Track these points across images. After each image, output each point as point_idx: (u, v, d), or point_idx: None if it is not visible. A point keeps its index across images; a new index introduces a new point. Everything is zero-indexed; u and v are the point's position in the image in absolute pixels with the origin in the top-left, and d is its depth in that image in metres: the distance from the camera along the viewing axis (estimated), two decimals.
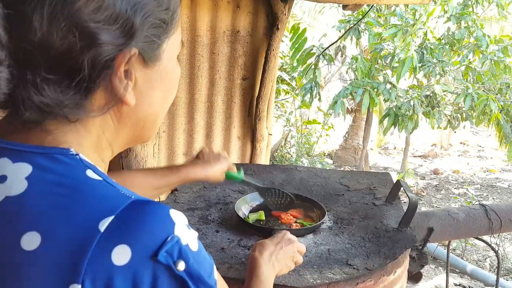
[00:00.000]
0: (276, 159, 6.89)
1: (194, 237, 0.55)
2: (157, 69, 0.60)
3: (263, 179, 1.81)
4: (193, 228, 0.57)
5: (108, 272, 0.48)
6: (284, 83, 6.23)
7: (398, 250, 1.28)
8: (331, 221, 1.48)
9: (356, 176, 1.88)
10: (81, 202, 0.52)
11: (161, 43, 0.59)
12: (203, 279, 0.53)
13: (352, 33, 5.36)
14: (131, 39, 0.53)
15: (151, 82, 0.60)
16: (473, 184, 7.64)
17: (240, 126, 2.61)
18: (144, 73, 0.58)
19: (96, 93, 0.55)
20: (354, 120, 8.50)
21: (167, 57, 0.61)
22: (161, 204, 0.54)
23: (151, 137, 0.68)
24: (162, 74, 0.61)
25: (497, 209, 1.73)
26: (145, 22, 0.54)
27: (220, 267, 1.19)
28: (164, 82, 0.62)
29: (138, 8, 0.53)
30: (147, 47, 0.56)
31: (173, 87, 0.66)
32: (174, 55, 0.64)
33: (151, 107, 0.62)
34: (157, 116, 0.65)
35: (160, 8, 0.56)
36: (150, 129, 0.65)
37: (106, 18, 0.51)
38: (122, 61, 0.54)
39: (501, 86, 5.79)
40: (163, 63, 0.61)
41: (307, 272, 1.17)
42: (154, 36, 0.57)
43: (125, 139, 0.64)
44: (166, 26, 0.58)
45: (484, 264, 4.51)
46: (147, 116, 0.63)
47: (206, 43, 2.39)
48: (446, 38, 5.52)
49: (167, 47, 0.60)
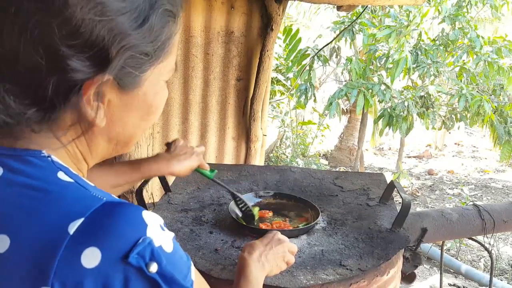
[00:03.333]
0: (272, 159, 6.89)
1: (169, 238, 0.54)
2: (135, 94, 0.58)
3: (257, 180, 1.81)
4: (187, 228, 0.56)
5: (77, 275, 0.48)
6: (279, 84, 6.24)
7: (391, 251, 1.28)
8: (325, 222, 1.48)
9: (350, 177, 1.88)
10: (51, 204, 0.51)
11: (142, 73, 0.57)
12: (178, 281, 0.53)
13: (346, 34, 5.38)
14: (104, 69, 0.52)
15: (127, 106, 0.59)
16: (468, 184, 7.68)
17: (235, 127, 2.61)
18: (120, 97, 0.57)
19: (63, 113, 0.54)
20: (349, 121, 8.52)
21: (150, 83, 0.59)
22: (134, 206, 0.54)
23: (127, 151, 0.69)
24: (141, 99, 0.59)
25: (490, 210, 1.74)
26: (122, 54, 0.52)
27: (213, 268, 1.18)
28: (143, 107, 0.61)
29: (117, 39, 0.51)
30: (123, 76, 0.55)
31: (154, 111, 0.63)
32: (160, 81, 0.62)
33: (126, 129, 0.61)
34: (131, 136, 0.64)
35: (145, 41, 0.54)
36: (124, 146, 0.65)
37: (80, 44, 0.49)
38: (91, 87, 0.52)
39: (495, 87, 5.83)
40: (144, 89, 0.59)
41: (301, 273, 1.16)
42: (133, 68, 0.55)
43: (99, 154, 0.64)
44: (150, 58, 0.56)
45: (478, 264, 4.53)
46: (121, 136, 0.62)
47: (200, 44, 2.38)
48: (440, 39, 5.54)
49: (151, 74, 0.58)
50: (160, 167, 1.11)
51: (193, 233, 1.37)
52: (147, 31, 0.54)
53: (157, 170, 1.11)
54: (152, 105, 0.62)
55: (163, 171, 1.12)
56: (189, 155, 1.16)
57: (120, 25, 0.51)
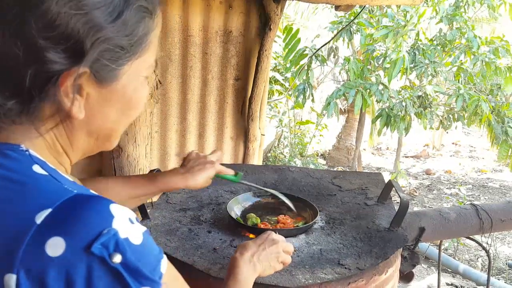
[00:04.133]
0: (270, 159, 6.89)
1: (138, 231, 0.55)
2: (113, 88, 0.60)
3: (256, 180, 1.81)
4: (186, 228, 0.57)
5: (42, 263, 0.49)
6: (278, 84, 6.24)
7: (389, 250, 1.28)
8: (323, 221, 1.48)
9: (348, 176, 1.88)
10: (24, 195, 0.54)
11: (118, 67, 0.59)
12: (143, 272, 0.53)
13: (344, 34, 5.38)
14: (80, 60, 0.53)
15: (106, 100, 0.61)
16: (465, 184, 7.70)
17: (233, 127, 2.61)
18: (98, 91, 0.59)
19: (42, 104, 0.56)
20: (347, 121, 8.54)
21: (128, 78, 0.61)
22: (103, 199, 0.55)
23: (109, 148, 0.69)
24: (120, 94, 0.62)
25: (488, 209, 1.74)
26: (98, 47, 0.54)
27: (212, 267, 1.18)
28: (122, 101, 0.63)
29: (92, 31, 0.53)
30: (100, 69, 0.57)
31: (134, 106, 0.65)
32: (139, 78, 0.63)
33: (106, 123, 0.63)
34: (112, 131, 0.66)
35: (120, 34, 0.56)
36: (105, 141, 0.67)
37: (56, 36, 0.51)
38: (68, 78, 0.54)
39: (492, 87, 5.85)
40: (122, 84, 0.61)
41: (299, 272, 1.16)
42: (109, 61, 0.57)
43: (81, 149, 0.65)
44: (126, 52, 0.58)
45: (476, 263, 4.54)
46: (101, 130, 0.64)
47: (199, 43, 2.38)
48: (438, 39, 5.56)
49: (129, 69, 0.60)
50: (176, 181, 1.12)
51: (192, 233, 1.37)
52: (121, 25, 0.56)
53: (174, 184, 1.12)
54: (131, 100, 0.64)
55: (179, 184, 1.12)
56: (202, 166, 1.15)
57: (95, 18, 0.53)
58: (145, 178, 1.12)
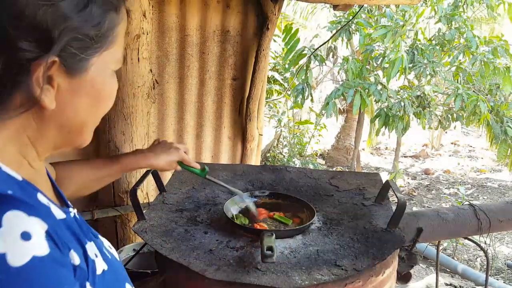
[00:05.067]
0: (269, 159, 6.88)
1: (28, 252, 0.48)
2: (83, 79, 0.62)
3: (253, 180, 1.80)
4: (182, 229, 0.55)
5: None
6: (277, 84, 6.23)
7: (386, 251, 1.27)
8: (320, 222, 1.47)
9: (345, 177, 1.87)
10: None
11: (87, 57, 0.60)
12: None
13: (343, 34, 5.38)
14: (49, 49, 0.55)
15: (76, 91, 0.62)
16: (464, 184, 7.70)
17: (231, 127, 2.60)
18: (68, 81, 0.60)
19: (13, 94, 0.57)
20: (346, 121, 8.53)
21: (97, 70, 0.63)
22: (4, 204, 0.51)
23: (82, 143, 0.70)
24: (89, 85, 0.63)
25: (486, 209, 1.73)
26: (65, 35, 0.56)
27: (207, 269, 1.17)
28: (92, 93, 0.64)
29: (59, 20, 0.55)
30: (69, 58, 0.58)
31: (104, 99, 0.67)
32: (107, 70, 0.66)
33: (77, 115, 0.64)
34: (83, 124, 0.66)
35: (87, 24, 0.58)
36: (77, 135, 0.67)
37: (25, 26, 0.54)
38: (39, 67, 0.56)
39: (491, 86, 5.85)
40: (91, 75, 0.62)
41: (296, 273, 1.15)
42: (77, 49, 0.58)
43: (51, 142, 0.66)
44: (93, 42, 0.60)
45: (474, 263, 4.54)
46: (72, 122, 0.65)
47: (196, 43, 2.37)
48: (436, 39, 5.55)
49: (97, 61, 0.62)
50: (138, 160, 1.19)
51: (188, 234, 1.35)
52: (88, 15, 0.58)
53: (135, 162, 1.19)
54: (101, 92, 0.65)
55: (141, 163, 1.19)
56: (166, 149, 1.23)
57: (62, 8, 0.56)
58: (108, 159, 1.18)
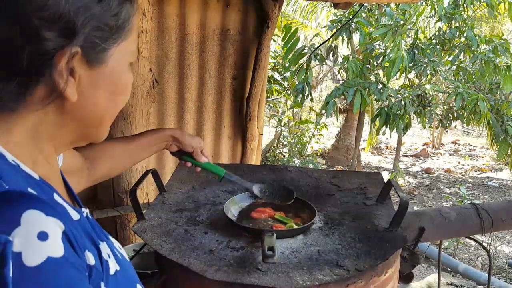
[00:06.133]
0: (269, 159, 6.87)
1: (43, 252, 0.47)
2: (102, 71, 0.62)
3: (253, 180, 1.78)
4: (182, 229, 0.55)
5: None
6: (277, 83, 6.22)
7: (388, 251, 1.25)
8: (321, 222, 1.45)
9: (347, 176, 1.86)
10: None
11: (107, 47, 0.61)
12: None
13: (343, 33, 5.36)
14: (72, 38, 0.56)
15: (96, 83, 0.62)
16: (465, 183, 7.68)
17: (231, 126, 2.58)
18: (89, 73, 0.60)
19: (37, 86, 0.57)
20: (347, 120, 8.52)
21: (114, 62, 0.63)
22: (25, 203, 0.50)
23: (99, 137, 0.70)
24: (108, 77, 0.63)
25: (488, 209, 1.72)
26: (87, 24, 0.57)
27: (208, 269, 1.16)
28: (110, 85, 0.65)
29: (81, 10, 0.56)
30: (90, 48, 0.59)
31: (121, 91, 0.67)
32: (124, 62, 0.66)
33: (96, 107, 0.64)
34: (102, 117, 0.67)
35: (107, 14, 0.59)
36: (96, 128, 0.68)
37: (49, 16, 0.53)
38: (62, 58, 0.56)
39: (491, 85, 5.83)
40: (110, 67, 0.63)
41: (297, 274, 1.14)
42: (98, 39, 0.59)
43: (70, 136, 0.66)
44: (112, 32, 0.61)
45: (476, 263, 4.53)
46: (92, 115, 0.65)
47: (196, 42, 2.36)
48: (437, 38, 5.54)
49: (115, 52, 0.63)
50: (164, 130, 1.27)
51: (188, 234, 1.34)
52: (107, 5, 0.59)
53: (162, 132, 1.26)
54: (118, 84, 0.66)
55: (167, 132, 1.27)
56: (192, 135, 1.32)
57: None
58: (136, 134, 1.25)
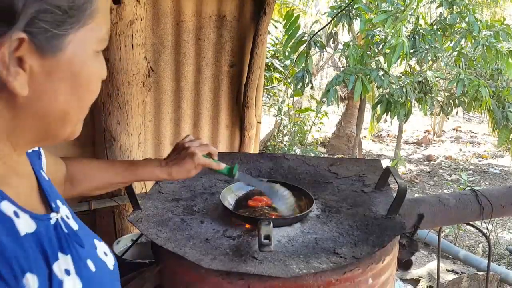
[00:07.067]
0: (269, 148, 6.85)
1: None
2: (58, 61, 0.55)
3: (250, 168, 1.77)
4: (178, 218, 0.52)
5: None
6: (277, 71, 6.17)
7: (386, 238, 1.24)
8: (319, 210, 1.44)
9: (345, 164, 1.84)
10: None
11: (61, 32, 0.53)
12: None
13: (343, 19, 5.29)
14: (12, 23, 0.49)
15: (52, 74, 0.55)
16: (466, 170, 7.67)
17: (228, 115, 2.56)
18: (42, 63, 0.53)
19: None
20: (347, 108, 8.47)
21: (74, 50, 0.55)
22: None
23: (68, 135, 0.62)
24: (66, 67, 0.56)
25: (488, 194, 1.70)
26: (30, 6, 0.49)
27: (203, 258, 1.14)
28: (70, 77, 0.57)
29: None
30: (39, 34, 0.51)
31: (85, 84, 0.59)
32: (87, 50, 0.58)
33: (55, 102, 0.57)
34: (64, 113, 0.59)
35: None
36: (59, 126, 0.60)
37: None
38: (2, 46, 0.49)
39: (493, 71, 5.78)
40: (68, 55, 0.55)
41: (293, 262, 1.13)
42: (48, 23, 0.51)
43: (31, 134, 0.59)
44: (67, 15, 0.53)
45: (476, 249, 4.53)
46: (51, 111, 0.57)
47: (192, 29, 2.32)
48: (438, 24, 5.47)
49: (74, 38, 0.55)
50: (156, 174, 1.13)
51: (184, 223, 1.33)
52: None
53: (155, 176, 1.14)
54: (80, 75, 0.58)
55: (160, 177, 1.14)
56: (180, 159, 1.13)
57: None
58: (125, 166, 1.12)
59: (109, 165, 1.13)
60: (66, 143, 1.98)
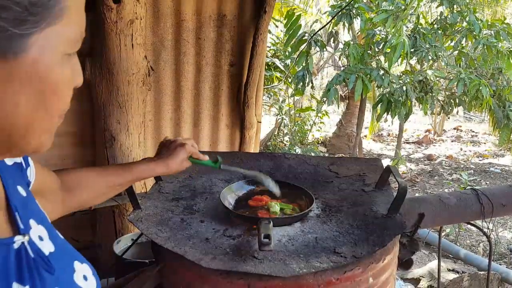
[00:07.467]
0: (270, 148, 6.85)
1: None
2: (19, 63, 0.48)
3: (251, 168, 1.76)
4: (178, 218, 0.50)
5: None
6: (277, 71, 6.16)
7: (387, 237, 1.24)
8: (319, 209, 1.44)
9: (345, 163, 1.84)
10: None
11: (22, 32, 0.47)
12: None
13: (344, 19, 5.29)
14: None
15: (11, 79, 0.48)
16: (467, 169, 7.66)
17: (228, 114, 2.56)
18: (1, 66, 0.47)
19: None
20: (348, 107, 8.47)
21: (39, 51, 0.49)
22: None
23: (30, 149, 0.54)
24: (29, 71, 0.49)
25: (488, 194, 1.70)
26: None
27: (203, 258, 1.14)
28: (34, 82, 0.50)
29: None
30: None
31: (52, 91, 0.52)
32: (54, 53, 0.51)
33: (15, 110, 0.49)
34: (27, 123, 0.51)
35: None
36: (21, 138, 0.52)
37: None
38: None
39: (493, 71, 5.77)
40: (31, 58, 0.48)
41: (293, 261, 1.13)
42: (5, 21, 0.45)
43: None
44: (27, 13, 0.46)
45: (477, 249, 4.53)
46: (11, 121, 0.50)
47: (192, 28, 2.32)
48: (438, 23, 5.46)
49: (39, 39, 0.48)
50: (151, 169, 1.16)
51: (184, 222, 1.33)
52: None
53: (149, 172, 1.16)
54: (46, 80, 0.51)
55: (156, 172, 1.17)
56: (172, 151, 1.19)
57: None
58: (120, 168, 1.13)
59: (103, 168, 1.17)
60: (66, 143, 1.98)
